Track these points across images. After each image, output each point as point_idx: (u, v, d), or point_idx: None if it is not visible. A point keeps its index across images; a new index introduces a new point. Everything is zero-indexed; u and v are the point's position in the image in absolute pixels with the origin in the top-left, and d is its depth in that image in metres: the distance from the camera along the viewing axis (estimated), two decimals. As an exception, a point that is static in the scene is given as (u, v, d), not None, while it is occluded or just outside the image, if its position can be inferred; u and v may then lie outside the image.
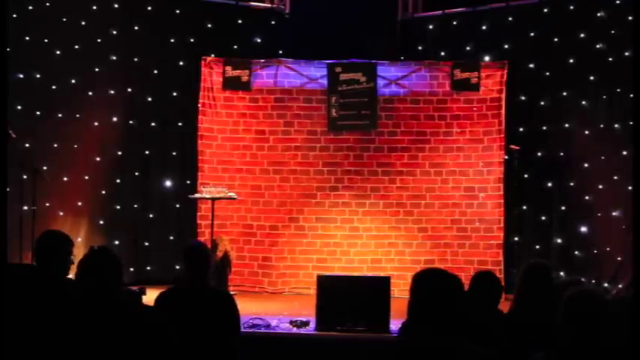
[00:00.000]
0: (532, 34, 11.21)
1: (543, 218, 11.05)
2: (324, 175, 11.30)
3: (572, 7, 10.97)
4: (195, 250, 5.64)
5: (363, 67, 11.24)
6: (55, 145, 10.48)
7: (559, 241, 10.42)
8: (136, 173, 11.49)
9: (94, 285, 4.12)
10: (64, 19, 10.57)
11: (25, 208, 9.17)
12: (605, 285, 10.20)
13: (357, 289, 8.04)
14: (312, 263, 11.13)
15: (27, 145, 9.65)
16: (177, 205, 11.48)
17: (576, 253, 10.65)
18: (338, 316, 7.77)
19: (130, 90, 11.37)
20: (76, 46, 10.70)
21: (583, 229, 10.66)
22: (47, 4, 10.30)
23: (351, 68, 11.23)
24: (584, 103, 10.83)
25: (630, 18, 10.19)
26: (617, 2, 10.50)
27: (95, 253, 4.36)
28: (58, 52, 10.51)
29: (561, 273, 9.95)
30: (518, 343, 4.44)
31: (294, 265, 11.20)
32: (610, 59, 10.53)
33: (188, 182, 11.30)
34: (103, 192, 11.13)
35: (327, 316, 7.83)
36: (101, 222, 11.06)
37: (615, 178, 10.40)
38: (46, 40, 10.34)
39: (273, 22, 11.95)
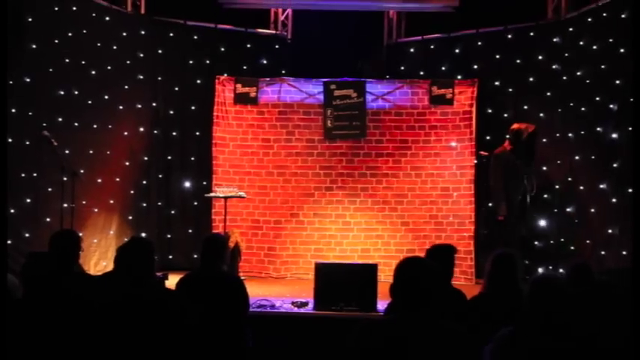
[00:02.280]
0: (498, 56, 11.24)
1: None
2: (321, 177, 11.29)
3: (532, 34, 11.00)
4: (214, 240, 5.67)
5: (354, 85, 11.23)
6: (91, 152, 10.46)
7: (522, 233, 10.39)
8: (160, 175, 11.50)
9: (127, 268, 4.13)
10: (99, 44, 10.57)
11: (65, 205, 9.15)
12: (561, 271, 10.21)
13: (349, 274, 8.02)
14: (311, 252, 11.11)
15: (67, 151, 9.63)
16: (195, 203, 11.48)
17: (535, 243, 10.66)
18: (333, 298, 7.76)
19: (154, 104, 11.39)
20: (109, 67, 10.70)
21: (542, 222, 10.68)
22: (84, 31, 10.28)
23: (344, 85, 11.22)
24: (541, 115, 10.83)
25: (581, 43, 10.21)
26: (570, 30, 10.50)
27: (134, 241, 4.38)
28: (93, 72, 10.50)
29: (526, 261, 9.95)
30: (488, 322, 4.45)
31: (295, 254, 11.19)
32: (564, 77, 10.54)
33: (204, 183, 11.29)
34: (132, 192, 11.13)
35: (324, 298, 7.82)
36: (130, 217, 11.05)
37: (569, 179, 10.41)
38: (83, 62, 10.34)
39: (277, 46, 11.98)
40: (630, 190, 8.81)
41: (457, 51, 11.56)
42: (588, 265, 5.22)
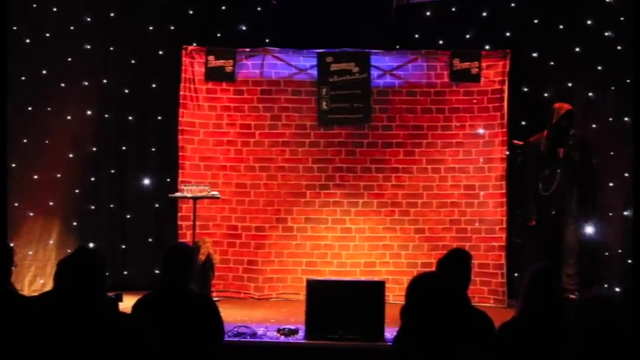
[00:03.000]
0: (536, 21, 11.22)
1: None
2: (314, 173, 11.29)
3: (578, -8, 11.02)
4: (178, 251, 5.64)
5: (355, 57, 11.23)
6: (25, 141, 10.45)
7: (567, 243, 10.38)
8: (112, 171, 11.48)
9: (70, 286, 4.10)
10: (34, 5, 10.53)
11: (-7, 208, 9.14)
12: (617, 290, 10.21)
13: (349, 294, 8.04)
14: (301, 267, 11.12)
15: (-6, 140, 9.62)
16: (157, 205, 11.47)
17: (586, 255, 10.64)
18: (329, 324, 7.77)
19: (105, 81, 11.36)
20: (47, 34, 10.66)
21: (591, 230, 10.66)
22: (16, -12, 10.27)
23: (343, 58, 11.22)
24: (590, 94, 10.84)
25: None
26: (627, -13, 10.52)
27: (79, 253, 4.35)
28: (27, 41, 10.47)
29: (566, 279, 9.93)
30: (524, 354, 4.45)
31: (281, 269, 11.19)
32: (619, 47, 10.55)
33: (168, 180, 11.28)
34: (77, 191, 11.11)
35: (318, 324, 7.83)
36: (74, 223, 11.03)
37: (626, 175, 10.41)
38: (15, 28, 10.30)
39: (259, 9, 11.88)
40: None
41: (485, 14, 11.52)
42: None
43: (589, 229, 10.59)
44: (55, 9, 10.76)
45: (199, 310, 5.47)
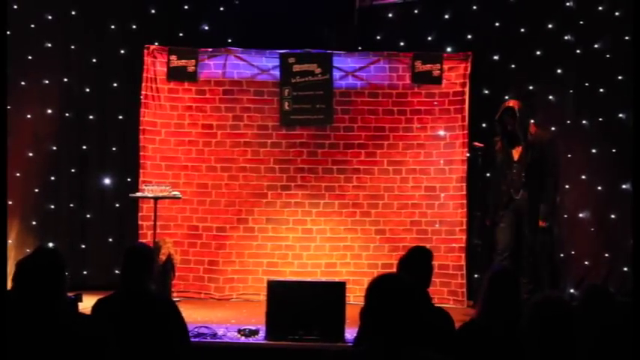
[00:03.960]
0: (497, 24, 11.28)
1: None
2: (276, 173, 11.29)
3: (539, -4, 11.10)
4: (137, 251, 5.62)
5: (318, 58, 11.24)
6: (-16, 139, 10.34)
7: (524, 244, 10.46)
8: (73, 170, 11.40)
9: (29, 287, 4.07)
10: (-6, 3, 10.44)
11: (-49, 207, 9.05)
12: (572, 291, 10.31)
13: (310, 295, 8.05)
14: (262, 267, 11.11)
15: (-47, 139, 9.52)
16: (117, 205, 11.40)
17: (541, 257, 10.70)
18: (290, 325, 7.80)
19: (66, 80, 11.29)
20: (8, 32, 10.56)
21: (548, 232, 10.72)
22: (-25, -15, 10.17)
23: (306, 59, 11.23)
24: (550, 97, 10.93)
25: (600, 8, 10.33)
26: (586, -8, 10.63)
27: (38, 252, 4.32)
28: (-13, 39, 10.37)
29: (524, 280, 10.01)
30: (484, 351, 4.48)
31: (242, 270, 11.18)
32: (578, 51, 10.65)
33: (129, 180, 11.23)
34: (36, 190, 11.04)
35: (278, 325, 7.85)
36: (34, 222, 10.96)
37: (583, 177, 10.51)
38: (-27, 26, 10.22)
39: (221, 9, 11.87)
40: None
41: (447, 17, 11.57)
42: (609, 291, 5.25)
43: (544, 231, 10.64)
44: (15, 7, 10.67)
45: (159, 311, 5.45)
